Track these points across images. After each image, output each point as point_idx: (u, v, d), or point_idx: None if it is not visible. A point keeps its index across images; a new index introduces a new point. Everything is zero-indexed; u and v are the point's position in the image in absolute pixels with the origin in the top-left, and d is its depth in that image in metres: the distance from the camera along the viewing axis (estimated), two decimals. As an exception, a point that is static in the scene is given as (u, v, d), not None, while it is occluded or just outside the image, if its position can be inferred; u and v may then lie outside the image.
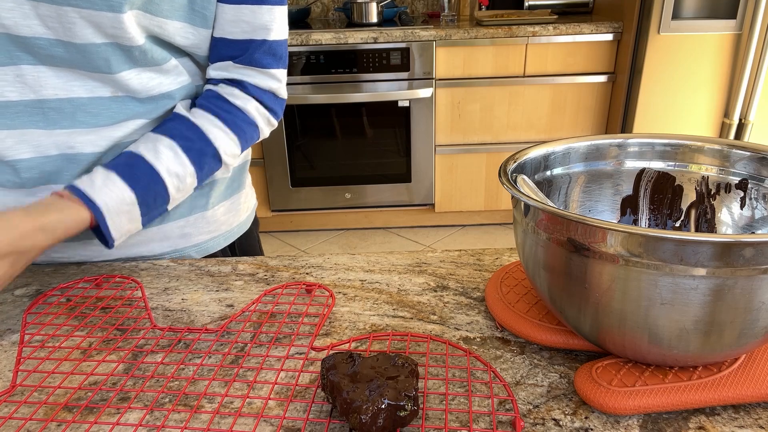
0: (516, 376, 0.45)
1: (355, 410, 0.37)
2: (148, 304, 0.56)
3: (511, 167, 0.49)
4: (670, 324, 0.38)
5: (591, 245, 0.38)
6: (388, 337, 0.50)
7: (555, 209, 0.40)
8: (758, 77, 2.23)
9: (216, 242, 0.76)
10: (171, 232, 0.71)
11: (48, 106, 0.59)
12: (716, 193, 0.53)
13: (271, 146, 2.54)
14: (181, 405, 0.43)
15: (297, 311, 0.54)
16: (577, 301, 0.41)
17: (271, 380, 0.45)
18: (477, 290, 0.57)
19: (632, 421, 0.40)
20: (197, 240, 0.73)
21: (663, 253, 0.36)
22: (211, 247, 0.75)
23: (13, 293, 0.60)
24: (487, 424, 0.40)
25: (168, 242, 0.71)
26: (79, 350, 0.50)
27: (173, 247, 0.72)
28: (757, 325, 0.38)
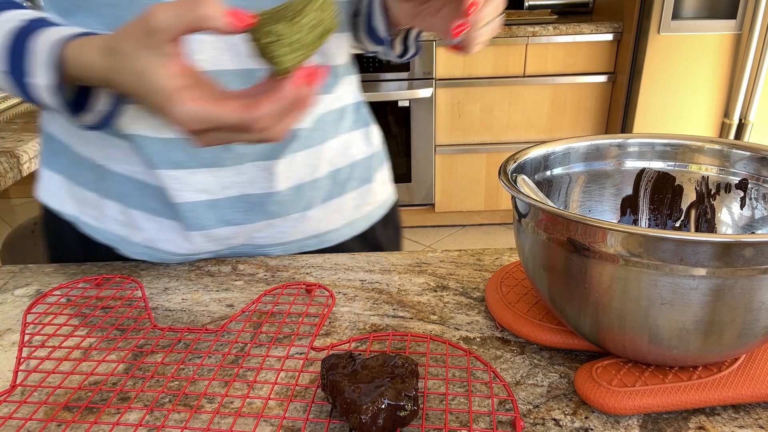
0: (516, 376, 0.45)
1: (355, 410, 0.37)
2: (148, 304, 0.56)
3: (511, 167, 0.49)
4: (670, 324, 0.38)
5: (591, 245, 0.38)
6: (388, 337, 0.50)
7: (555, 209, 0.40)
8: (758, 77, 2.23)
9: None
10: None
11: (256, 76, 0.57)
12: (716, 193, 0.53)
13: (271, 146, 2.53)
14: (181, 405, 0.43)
15: (297, 311, 0.54)
16: (577, 301, 0.41)
17: (271, 380, 0.45)
18: (477, 290, 0.57)
19: (632, 421, 0.40)
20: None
21: (663, 253, 0.36)
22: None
23: (13, 293, 0.60)
24: (487, 424, 0.40)
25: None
26: (79, 350, 0.50)
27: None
28: (757, 325, 0.38)
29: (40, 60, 0.47)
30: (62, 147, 0.64)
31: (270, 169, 0.61)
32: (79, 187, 0.64)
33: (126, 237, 0.63)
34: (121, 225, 0.63)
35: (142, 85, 0.41)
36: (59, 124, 0.64)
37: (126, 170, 0.61)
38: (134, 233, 0.63)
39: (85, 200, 0.64)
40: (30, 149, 1.21)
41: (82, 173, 0.63)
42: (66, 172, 0.64)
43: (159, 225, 0.62)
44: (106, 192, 0.62)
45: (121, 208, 0.62)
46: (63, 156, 0.64)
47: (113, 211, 0.63)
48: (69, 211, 0.65)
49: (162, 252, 0.64)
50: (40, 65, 0.47)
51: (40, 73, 0.47)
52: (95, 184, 0.63)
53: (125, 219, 0.63)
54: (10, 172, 1.15)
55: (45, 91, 0.48)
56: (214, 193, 0.61)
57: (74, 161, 0.63)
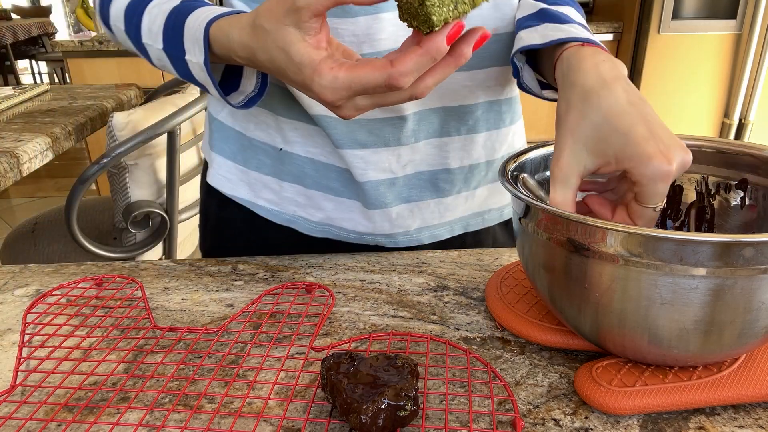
0: (516, 376, 0.45)
1: (355, 410, 0.37)
2: (148, 304, 0.56)
3: (511, 167, 0.49)
4: (670, 324, 0.38)
5: (591, 245, 0.38)
6: (388, 337, 0.50)
7: (555, 209, 0.40)
8: (758, 77, 2.23)
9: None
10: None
11: None
12: (716, 193, 0.53)
13: (271, 146, 2.53)
14: (181, 405, 0.43)
15: (297, 311, 0.54)
16: (577, 301, 0.41)
17: (271, 380, 0.45)
18: (477, 290, 0.57)
19: (632, 421, 0.40)
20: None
21: (663, 253, 0.36)
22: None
23: (13, 293, 0.60)
24: (487, 424, 0.40)
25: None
26: (79, 350, 0.50)
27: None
28: (756, 325, 0.38)
29: (193, 37, 0.49)
30: (235, 133, 0.66)
31: (441, 147, 0.63)
32: (255, 171, 0.66)
33: (305, 217, 0.65)
34: (299, 206, 0.65)
35: (286, 60, 0.42)
36: (230, 111, 0.66)
37: (306, 152, 0.62)
38: (313, 213, 0.65)
39: (261, 184, 0.66)
40: (30, 149, 1.21)
41: (258, 158, 0.65)
42: (239, 158, 0.66)
43: (339, 205, 0.64)
44: (285, 175, 0.64)
45: (301, 189, 0.64)
46: (235, 142, 0.66)
47: (292, 193, 0.65)
48: (242, 196, 0.67)
49: (341, 230, 0.65)
50: (193, 42, 0.49)
51: (192, 50, 0.49)
52: (273, 167, 0.64)
53: (304, 200, 0.65)
54: (10, 172, 1.15)
55: (197, 68, 0.50)
56: (394, 171, 0.62)
57: (248, 146, 0.65)
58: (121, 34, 0.59)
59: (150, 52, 0.55)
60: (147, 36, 0.54)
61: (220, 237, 0.72)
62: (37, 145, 1.24)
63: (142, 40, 0.55)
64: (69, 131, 1.37)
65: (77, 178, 1.21)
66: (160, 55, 0.54)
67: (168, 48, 0.52)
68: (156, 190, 1.39)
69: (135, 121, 1.26)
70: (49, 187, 3.58)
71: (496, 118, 0.66)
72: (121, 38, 0.60)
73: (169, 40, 0.52)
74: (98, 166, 1.20)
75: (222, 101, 0.57)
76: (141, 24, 0.55)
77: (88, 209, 1.59)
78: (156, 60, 0.56)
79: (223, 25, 0.47)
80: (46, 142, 1.27)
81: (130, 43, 0.58)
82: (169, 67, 0.54)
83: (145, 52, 0.57)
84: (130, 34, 0.57)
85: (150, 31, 0.53)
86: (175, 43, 0.51)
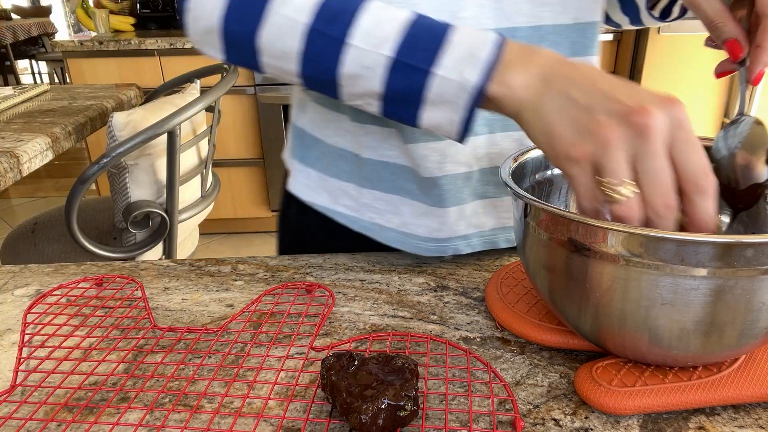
0: (516, 376, 0.45)
1: (355, 410, 0.37)
2: (148, 304, 0.56)
3: (512, 167, 0.49)
4: (670, 324, 0.38)
5: (591, 245, 0.38)
6: (388, 337, 0.50)
7: (556, 209, 0.40)
8: (758, 77, 2.23)
9: None
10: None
11: (519, 35, 0.55)
12: (716, 193, 0.53)
13: (271, 146, 2.54)
14: (181, 405, 0.43)
15: (297, 311, 0.54)
16: (578, 301, 0.41)
17: (271, 380, 0.45)
18: (477, 290, 0.57)
19: (632, 421, 0.40)
20: None
21: (664, 254, 0.36)
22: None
23: (13, 293, 0.60)
24: (487, 424, 0.40)
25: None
26: (79, 350, 0.50)
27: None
28: (757, 326, 0.38)
29: (465, 54, 0.44)
30: (315, 141, 0.66)
31: (521, 141, 0.61)
32: (334, 178, 0.66)
33: (381, 224, 0.65)
34: (377, 212, 0.65)
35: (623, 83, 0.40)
36: (310, 118, 0.66)
37: (381, 156, 0.62)
38: (390, 219, 0.64)
39: (340, 191, 0.66)
40: (30, 149, 1.21)
41: (338, 164, 0.65)
42: (319, 165, 0.66)
43: (414, 209, 0.63)
44: (363, 180, 0.64)
45: (379, 194, 0.64)
46: (316, 150, 0.66)
47: (370, 199, 0.64)
48: (321, 203, 0.67)
49: (415, 238, 0.64)
50: (461, 60, 0.44)
51: (454, 68, 0.44)
52: (351, 173, 0.64)
53: (382, 205, 0.64)
54: (10, 172, 1.15)
55: (453, 86, 0.45)
56: (470, 165, 0.61)
57: (327, 153, 0.65)
58: (279, 23, 0.49)
59: (348, 53, 0.47)
60: (363, 39, 0.47)
61: (298, 243, 0.73)
62: (37, 145, 1.24)
63: (345, 39, 0.47)
64: (69, 131, 1.37)
65: (77, 178, 1.21)
66: (370, 62, 0.47)
67: (402, 56, 0.46)
68: (156, 190, 1.39)
69: (135, 121, 1.26)
70: (49, 187, 3.58)
71: None
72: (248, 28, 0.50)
73: (409, 49, 0.46)
74: (98, 166, 1.20)
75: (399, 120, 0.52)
76: (354, 23, 0.47)
77: (88, 209, 1.59)
78: (354, 63, 0.48)
79: (517, 51, 0.44)
80: (46, 142, 1.27)
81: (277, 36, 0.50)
82: (366, 73, 0.47)
83: (318, 53, 0.49)
84: (320, 29, 0.48)
85: (370, 34, 0.47)
86: (417, 53, 0.46)
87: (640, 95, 0.38)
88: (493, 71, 0.43)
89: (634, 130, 0.36)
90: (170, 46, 2.35)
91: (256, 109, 2.48)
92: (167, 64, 2.42)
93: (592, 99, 0.39)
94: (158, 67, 2.43)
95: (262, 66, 0.52)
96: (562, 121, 0.40)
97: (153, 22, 2.79)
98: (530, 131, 0.42)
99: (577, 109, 0.39)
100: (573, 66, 0.42)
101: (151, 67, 2.43)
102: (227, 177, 2.62)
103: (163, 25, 2.80)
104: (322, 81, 0.50)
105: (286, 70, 0.51)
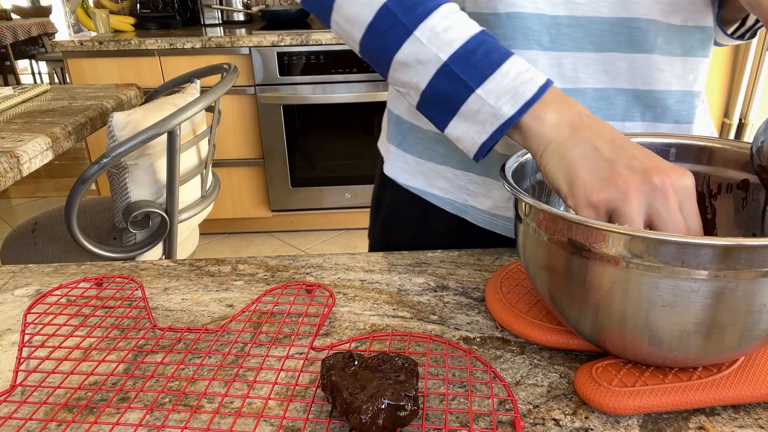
0: (516, 376, 0.45)
1: (355, 410, 0.37)
2: (148, 304, 0.56)
3: (513, 167, 0.49)
4: (670, 326, 0.38)
5: (592, 246, 0.38)
6: (388, 337, 0.50)
7: (556, 211, 0.40)
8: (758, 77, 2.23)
9: None
10: None
11: (633, 26, 0.56)
12: (717, 194, 0.53)
13: (271, 146, 2.54)
14: (181, 405, 0.43)
15: (297, 311, 0.54)
16: (578, 303, 0.41)
17: (271, 380, 0.45)
18: (477, 290, 0.57)
19: (632, 421, 0.40)
20: None
21: (664, 256, 0.36)
22: None
23: (13, 293, 0.60)
24: (487, 424, 0.40)
25: None
26: (79, 350, 0.50)
27: None
28: (758, 328, 0.38)
29: (509, 86, 0.47)
30: (412, 127, 0.69)
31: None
32: (430, 162, 0.69)
33: (474, 206, 0.67)
34: (471, 194, 0.67)
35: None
36: (407, 106, 0.69)
37: None
38: (483, 201, 0.67)
39: (435, 173, 0.69)
40: (30, 149, 1.21)
41: (434, 149, 0.68)
42: (415, 150, 0.70)
43: (505, 192, 0.65)
44: (458, 164, 0.67)
45: (473, 176, 0.66)
46: (412, 135, 0.69)
47: (464, 181, 0.67)
48: (417, 185, 0.71)
49: (504, 219, 0.67)
50: (506, 90, 0.47)
51: (495, 94, 0.47)
52: (446, 157, 0.67)
53: (475, 188, 0.66)
54: (10, 172, 1.15)
55: (487, 111, 0.48)
56: None
57: (424, 139, 0.68)
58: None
59: (410, 42, 0.50)
60: (428, 36, 0.49)
61: (392, 225, 0.76)
62: (37, 145, 1.24)
63: (413, 30, 0.50)
64: (69, 131, 1.37)
65: (77, 178, 1.21)
66: (426, 58, 0.49)
67: (454, 64, 0.49)
68: (156, 190, 1.39)
69: (135, 121, 1.26)
70: (49, 187, 3.58)
71: (689, 111, 0.63)
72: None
73: (463, 60, 0.48)
74: (98, 166, 1.20)
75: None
76: (427, 19, 0.50)
77: (88, 209, 1.59)
78: (411, 54, 0.50)
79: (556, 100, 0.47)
80: (46, 142, 1.27)
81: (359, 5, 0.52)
82: (417, 67, 0.50)
83: (384, 30, 0.51)
84: (395, 12, 0.51)
85: (436, 34, 0.49)
86: (468, 68, 0.48)
87: (659, 160, 0.42)
88: (530, 107, 0.46)
89: (652, 187, 0.40)
90: (170, 46, 2.35)
91: (256, 109, 2.48)
92: (167, 64, 2.42)
93: (616, 154, 0.42)
94: (158, 67, 2.43)
95: (330, 22, 0.56)
96: (584, 167, 0.43)
97: (153, 22, 2.79)
98: (549, 168, 0.45)
99: (601, 159, 0.42)
100: (601, 122, 0.45)
101: (151, 67, 2.43)
102: (227, 177, 2.62)
103: (163, 25, 2.80)
104: (377, 57, 0.53)
105: (350, 34, 0.54)
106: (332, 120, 2.49)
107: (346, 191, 2.62)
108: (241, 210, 2.70)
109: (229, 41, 2.33)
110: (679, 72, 0.60)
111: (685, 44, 0.59)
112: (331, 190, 2.62)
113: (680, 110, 0.63)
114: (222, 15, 2.92)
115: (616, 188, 0.40)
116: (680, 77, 0.61)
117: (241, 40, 2.33)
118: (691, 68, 0.61)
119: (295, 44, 2.33)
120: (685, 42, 0.59)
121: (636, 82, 0.59)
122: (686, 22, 0.58)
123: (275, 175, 2.58)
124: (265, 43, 2.33)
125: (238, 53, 2.38)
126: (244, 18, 2.92)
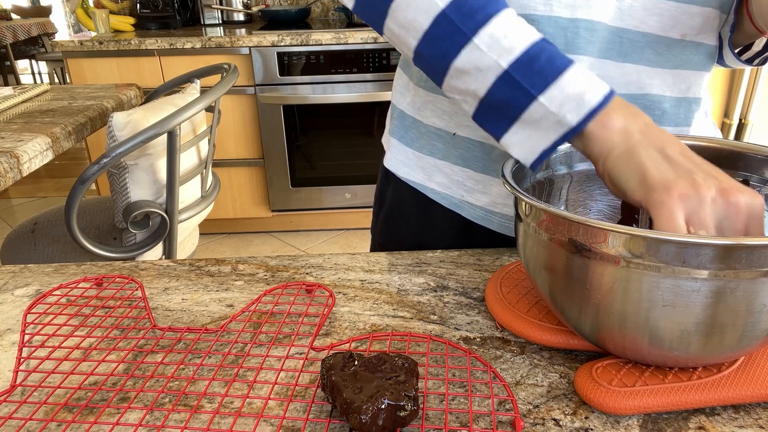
0: (516, 376, 0.45)
1: (355, 410, 0.37)
2: (148, 304, 0.56)
3: (513, 167, 0.49)
4: (671, 326, 0.38)
5: (592, 246, 0.38)
6: (388, 337, 0.50)
7: (556, 210, 0.40)
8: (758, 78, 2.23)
9: None
10: None
11: (627, 37, 0.57)
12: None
13: (271, 146, 2.54)
14: (181, 405, 0.43)
15: (297, 311, 0.54)
16: (578, 302, 0.41)
17: (271, 380, 0.45)
18: (477, 290, 0.57)
19: (632, 421, 0.40)
20: None
21: (665, 255, 0.36)
22: None
23: (13, 293, 0.60)
24: (487, 424, 0.40)
25: None
26: (79, 350, 0.50)
27: None
28: (758, 327, 0.38)
29: (572, 95, 0.46)
30: (414, 122, 0.71)
31: None
32: (430, 157, 0.70)
33: (470, 202, 0.69)
34: (467, 190, 0.68)
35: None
36: (410, 101, 0.71)
37: (476, 135, 0.64)
38: (479, 197, 0.68)
39: (434, 168, 0.70)
40: (30, 149, 1.21)
41: (434, 144, 0.69)
42: (416, 145, 0.71)
43: (503, 190, 0.66)
44: (457, 159, 0.67)
45: (471, 173, 0.67)
46: (414, 130, 0.71)
47: (462, 177, 0.68)
48: (416, 179, 0.72)
49: (501, 216, 0.68)
50: (569, 99, 0.46)
51: (559, 101, 0.46)
52: (445, 152, 0.68)
53: (473, 184, 0.67)
54: (10, 172, 1.15)
55: (550, 118, 0.47)
56: None
57: (425, 134, 0.69)
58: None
59: (468, 50, 0.49)
60: (487, 43, 0.48)
61: (394, 219, 0.77)
62: (37, 145, 1.24)
63: (472, 37, 0.49)
64: (69, 131, 1.37)
65: (77, 178, 1.21)
66: (485, 65, 0.48)
67: (516, 72, 0.47)
68: (156, 190, 1.39)
69: (135, 121, 1.26)
70: (49, 187, 3.58)
71: (687, 115, 0.64)
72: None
73: (525, 67, 0.47)
74: (98, 166, 1.20)
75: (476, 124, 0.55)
76: (486, 25, 0.49)
77: (88, 209, 1.59)
78: (469, 61, 0.49)
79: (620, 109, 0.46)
80: (46, 142, 1.27)
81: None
82: (476, 74, 0.49)
83: (441, 37, 0.50)
84: (453, 19, 0.49)
85: (496, 41, 0.48)
86: (530, 75, 0.47)
87: (730, 178, 0.42)
88: (595, 115, 0.46)
89: (727, 202, 0.40)
90: (170, 46, 2.35)
91: (256, 109, 2.48)
92: (167, 64, 2.42)
93: (689, 162, 0.42)
94: (158, 67, 2.43)
95: (383, 28, 0.54)
96: (660, 169, 0.42)
97: (153, 22, 2.79)
98: (617, 170, 0.44)
99: (674, 164, 0.42)
100: (669, 133, 0.45)
101: (151, 67, 2.43)
102: (227, 177, 2.62)
103: (163, 25, 2.80)
104: (433, 64, 0.52)
105: (404, 41, 0.53)
106: (332, 120, 2.49)
107: (346, 191, 2.62)
108: (241, 210, 2.70)
109: (229, 41, 2.33)
110: (670, 82, 0.61)
111: (678, 58, 0.60)
112: (331, 190, 2.62)
113: (677, 114, 0.63)
114: (222, 15, 2.92)
115: (696, 193, 0.40)
116: (672, 86, 0.61)
117: (241, 40, 2.33)
118: (683, 79, 0.62)
119: (295, 44, 2.33)
120: (678, 56, 0.60)
121: (630, 87, 0.60)
122: (685, 37, 0.59)
123: (275, 175, 2.58)
124: (265, 43, 2.33)
125: (238, 53, 2.38)
126: (244, 18, 2.92)
